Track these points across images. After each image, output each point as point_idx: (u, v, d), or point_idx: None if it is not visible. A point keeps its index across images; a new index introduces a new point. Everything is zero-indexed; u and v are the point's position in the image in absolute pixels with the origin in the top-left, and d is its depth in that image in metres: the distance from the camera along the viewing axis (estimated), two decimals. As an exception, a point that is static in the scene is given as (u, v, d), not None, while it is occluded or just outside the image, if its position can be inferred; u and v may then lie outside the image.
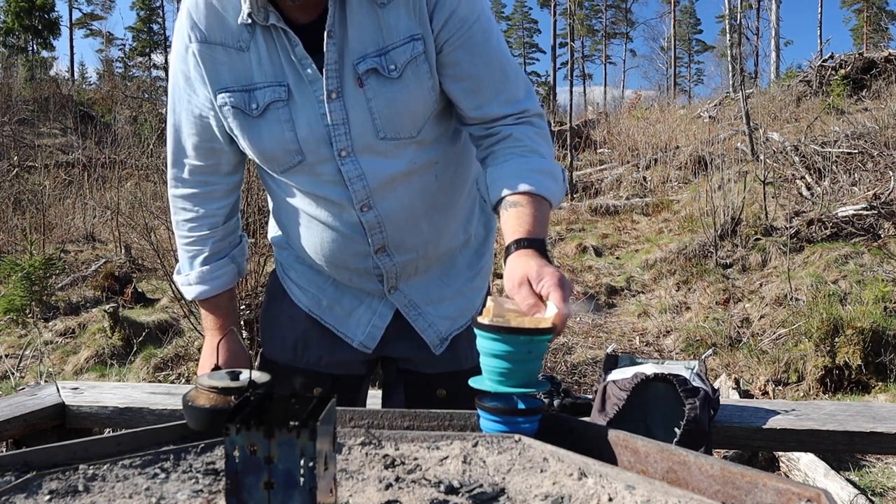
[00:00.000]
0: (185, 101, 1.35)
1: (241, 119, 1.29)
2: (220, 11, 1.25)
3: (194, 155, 1.40)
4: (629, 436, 1.00)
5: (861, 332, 4.60)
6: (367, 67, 1.24)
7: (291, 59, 1.25)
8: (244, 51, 1.26)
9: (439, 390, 1.51)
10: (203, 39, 1.26)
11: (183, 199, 1.46)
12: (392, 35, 1.24)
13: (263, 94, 1.27)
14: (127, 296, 6.72)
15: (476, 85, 1.29)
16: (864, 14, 40.79)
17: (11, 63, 21.96)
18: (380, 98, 1.26)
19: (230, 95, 1.28)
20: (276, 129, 1.28)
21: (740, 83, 12.90)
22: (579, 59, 47.66)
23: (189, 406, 1.03)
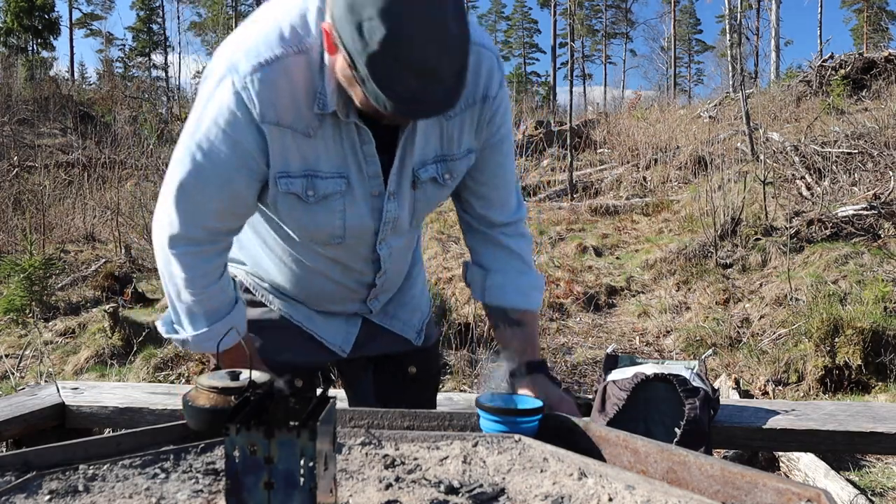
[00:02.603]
0: (227, 168, 1.24)
1: (295, 203, 1.30)
2: (293, 95, 1.20)
3: (215, 218, 1.31)
4: (629, 436, 1.00)
5: (861, 332, 4.59)
6: (428, 177, 1.35)
7: (357, 152, 1.27)
8: (311, 137, 1.24)
9: (410, 368, 1.64)
10: (275, 122, 1.20)
11: (191, 256, 1.33)
12: (453, 146, 1.35)
13: (325, 184, 1.28)
14: (127, 296, 6.72)
15: (488, 190, 1.45)
16: (864, 14, 40.78)
17: (11, 63, 21.94)
18: (427, 199, 1.40)
19: (291, 181, 1.27)
20: (327, 216, 1.32)
21: (740, 83, 12.90)
22: (579, 59, 47.68)
23: (189, 406, 1.03)
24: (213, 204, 1.28)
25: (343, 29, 1.06)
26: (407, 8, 1.03)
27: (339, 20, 1.07)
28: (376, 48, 1.03)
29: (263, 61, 1.17)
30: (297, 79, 1.19)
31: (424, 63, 1.05)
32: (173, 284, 1.35)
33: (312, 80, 1.20)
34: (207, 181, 1.26)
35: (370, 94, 1.08)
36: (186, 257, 1.32)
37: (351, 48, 1.06)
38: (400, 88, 1.05)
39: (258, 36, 1.20)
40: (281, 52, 1.18)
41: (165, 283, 1.37)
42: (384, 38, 1.02)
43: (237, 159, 1.23)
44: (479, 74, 1.30)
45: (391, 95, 1.06)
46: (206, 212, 1.29)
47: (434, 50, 1.05)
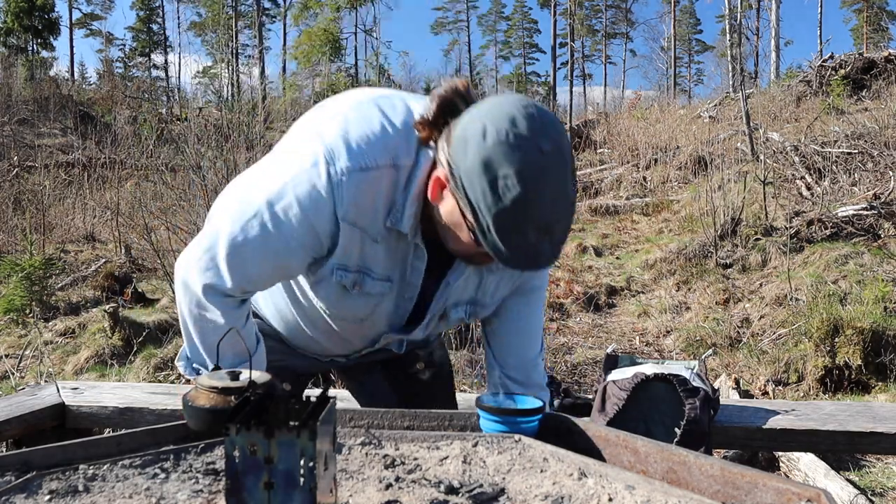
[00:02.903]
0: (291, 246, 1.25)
1: (338, 290, 1.33)
2: (374, 204, 1.23)
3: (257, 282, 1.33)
4: (629, 436, 1.00)
5: (861, 332, 4.59)
6: (458, 316, 1.43)
7: (406, 262, 1.32)
8: (377, 242, 1.27)
9: (418, 363, 1.69)
10: (353, 222, 1.23)
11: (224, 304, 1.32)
12: (486, 295, 1.43)
13: (374, 284, 1.32)
14: (127, 296, 6.72)
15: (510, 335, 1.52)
16: (864, 14, 40.77)
17: (11, 63, 21.94)
18: (446, 326, 1.48)
19: (345, 275, 1.30)
20: (363, 306, 1.36)
21: (740, 83, 12.89)
22: (579, 59, 47.66)
23: (189, 406, 1.03)
24: (261, 270, 1.28)
25: (472, 182, 1.11)
26: (542, 171, 1.09)
27: (469, 173, 1.11)
28: (508, 205, 1.09)
29: (363, 166, 1.20)
30: (382, 190, 1.23)
31: (547, 221, 1.11)
32: (202, 326, 1.33)
33: (395, 194, 1.24)
34: (267, 251, 1.25)
35: (488, 245, 1.14)
36: (221, 306, 1.31)
37: (478, 201, 1.11)
38: (519, 242, 1.12)
39: (365, 134, 1.21)
40: (382, 163, 1.21)
41: (189, 324, 1.35)
42: (518, 196, 1.08)
43: (305, 240, 1.24)
44: None
45: (510, 248, 1.12)
46: (252, 275, 1.29)
47: (556, 209, 1.12)
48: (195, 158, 5.85)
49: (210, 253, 1.27)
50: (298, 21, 38.71)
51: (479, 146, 1.09)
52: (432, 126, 1.19)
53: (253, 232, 1.23)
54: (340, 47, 36.28)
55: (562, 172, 1.11)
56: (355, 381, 1.78)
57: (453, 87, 1.19)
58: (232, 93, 10.80)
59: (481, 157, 1.09)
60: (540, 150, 1.09)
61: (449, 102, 1.18)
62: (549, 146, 1.09)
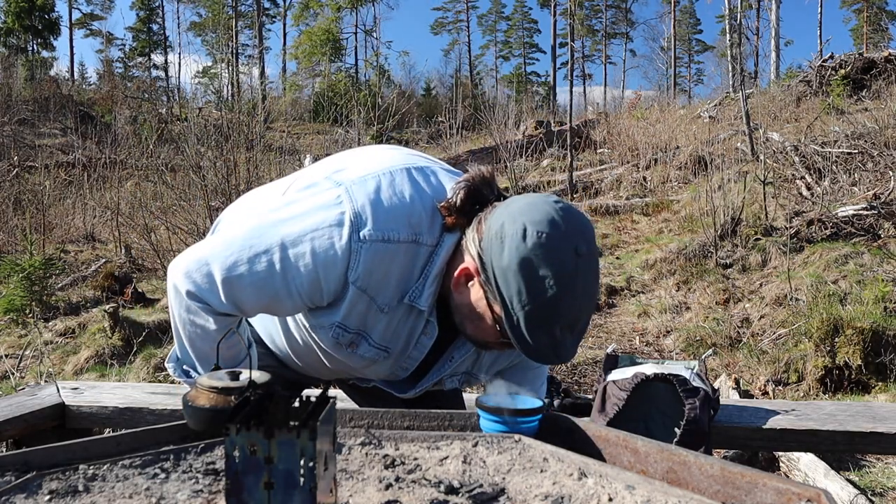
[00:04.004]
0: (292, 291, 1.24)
1: (332, 344, 1.33)
2: (387, 276, 1.24)
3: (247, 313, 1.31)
4: (629, 436, 1.00)
5: (861, 332, 4.59)
6: (452, 386, 1.46)
7: (411, 336, 1.34)
8: (383, 312, 1.28)
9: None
10: (364, 289, 1.24)
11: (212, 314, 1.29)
12: (482, 369, 1.47)
13: (368, 349, 1.33)
14: (127, 296, 6.72)
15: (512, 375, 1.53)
16: (864, 14, 40.77)
17: (11, 63, 21.95)
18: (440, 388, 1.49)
19: (343, 334, 1.30)
20: (356, 362, 1.38)
21: (740, 83, 12.89)
22: (579, 59, 47.66)
23: (189, 406, 1.03)
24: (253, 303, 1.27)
25: (507, 279, 1.14)
26: (577, 273, 1.13)
27: (505, 271, 1.14)
28: (544, 303, 1.12)
29: (386, 238, 1.21)
30: (399, 264, 1.24)
31: (574, 318, 1.16)
32: (189, 332, 1.32)
33: (412, 271, 1.25)
34: (266, 288, 1.24)
35: (514, 338, 1.16)
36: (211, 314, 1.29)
37: (511, 297, 1.14)
38: (546, 339, 1.15)
39: (393, 205, 1.23)
40: (403, 238, 1.22)
41: (179, 327, 1.33)
42: (553, 297, 1.12)
43: (305, 290, 1.24)
44: None
45: (536, 343, 1.15)
46: (242, 303, 1.27)
47: (583, 307, 1.16)
48: (195, 158, 5.85)
49: (209, 267, 1.25)
50: (298, 21, 38.75)
51: (518, 246, 1.12)
52: (459, 213, 1.22)
53: (259, 267, 1.22)
54: (340, 47, 36.30)
55: (593, 273, 1.16)
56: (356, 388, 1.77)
57: (480, 175, 1.22)
58: (232, 93, 10.81)
59: (520, 256, 1.12)
60: (577, 252, 1.13)
61: (477, 191, 1.22)
62: (585, 248, 1.13)
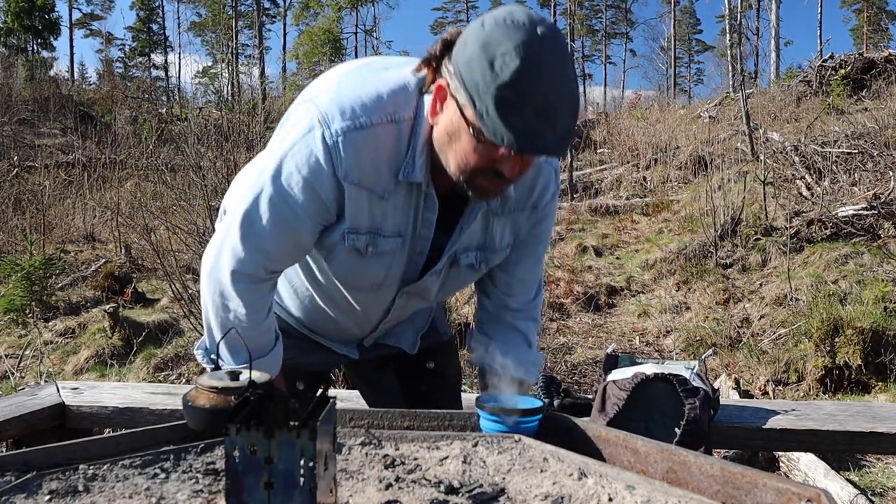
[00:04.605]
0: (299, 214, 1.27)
1: (352, 255, 1.34)
2: (377, 160, 1.24)
3: (279, 259, 1.35)
4: (629, 436, 1.00)
5: (861, 332, 4.59)
6: (468, 262, 1.42)
7: (418, 215, 1.33)
8: (384, 199, 1.28)
9: (428, 363, 1.70)
10: (357, 182, 1.24)
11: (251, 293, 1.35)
12: (494, 241, 1.42)
13: (386, 242, 1.33)
14: (127, 296, 6.71)
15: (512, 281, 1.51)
16: (864, 14, 40.75)
17: (11, 63, 21.94)
18: (458, 278, 1.46)
19: (357, 238, 1.31)
20: (378, 268, 1.37)
21: (740, 83, 12.89)
22: (579, 59, 47.62)
23: (189, 406, 1.03)
24: (277, 243, 1.30)
25: (471, 67, 1.09)
26: (540, 50, 1.07)
27: (468, 61, 1.10)
28: (506, 79, 1.06)
29: (358, 125, 1.21)
30: (383, 146, 1.23)
31: (546, 102, 1.08)
32: (223, 317, 1.35)
33: (399, 149, 1.24)
34: (278, 223, 1.27)
35: (489, 132, 1.10)
36: (246, 294, 1.33)
37: (477, 84, 1.09)
38: (519, 123, 1.08)
39: (357, 96, 1.22)
40: (377, 120, 1.22)
41: (211, 315, 1.37)
42: (517, 69, 1.06)
43: (312, 209, 1.26)
44: (535, 184, 1.39)
45: (510, 128, 1.08)
46: (269, 251, 1.31)
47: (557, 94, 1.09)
48: (195, 158, 5.85)
49: (229, 238, 1.31)
50: (299, 21, 38.73)
51: (477, 34, 1.10)
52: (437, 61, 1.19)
53: (262, 208, 1.27)
54: (341, 47, 36.27)
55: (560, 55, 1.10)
56: (365, 379, 1.78)
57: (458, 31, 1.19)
58: (232, 93, 10.81)
59: (480, 41, 1.09)
60: (537, 33, 1.08)
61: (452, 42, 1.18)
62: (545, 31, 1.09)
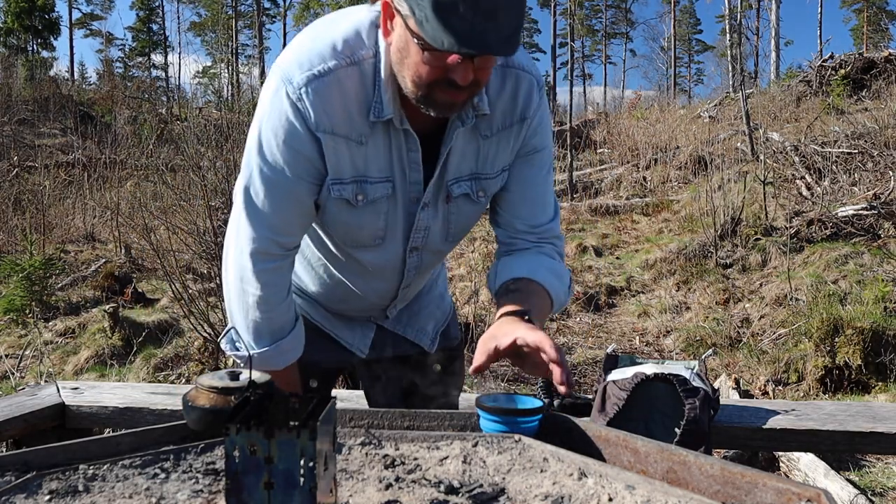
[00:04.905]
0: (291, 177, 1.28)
1: (344, 207, 1.33)
2: (345, 105, 1.24)
3: (285, 230, 1.35)
4: (629, 436, 1.00)
5: (861, 332, 4.59)
6: (461, 192, 1.38)
7: (402, 158, 1.31)
8: (362, 144, 1.28)
9: (434, 365, 1.67)
10: (330, 130, 1.24)
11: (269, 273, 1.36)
12: (487, 166, 1.37)
13: (374, 188, 1.32)
14: (127, 296, 6.71)
15: (515, 198, 1.44)
16: (864, 14, 40.76)
17: (11, 63, 21.94)
18: (460, 214, 1.41)
19: (343, 188, 1.30)
20: (373, 218, 1.36)
21: (740, 83, 12.90)
22: (579, 59, 47.65)
23: (189, 406, 1.03)
24: (283, 215, 1.32)
25: None
26: None
27: None
28: None
29: (317, 73, 1.21)
30: (349, 89, 1.23)
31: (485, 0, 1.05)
32: (244, 303, 1.38)
33: (365, 89, 1.24)
34: (275, 192, 1.30)
35: (430, 37, 1.08)
36: (265, 274, 1.35)
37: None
38: (458, 24, 1.06)
39: (312, 49, 1.24)
40: (334, 65, 1.22)
41: (232, 302, 1.39)
42: None
43: (299, 168, 1.28)
44: (517, 97, 1.33)
45: (452, 31, 1.06)
46: (278, 224, 1.33)
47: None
48: (195, 158, 5.85)
49: (238, 223, 1.34)
50: (299, 21, 38.72)
51: None
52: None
53: (257, 184, 1.30)
54: (340, 47, 36.22)
55: None
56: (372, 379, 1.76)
57: None
58: (232, 93, 10.81)
59: None
60: None
61: None
62: None
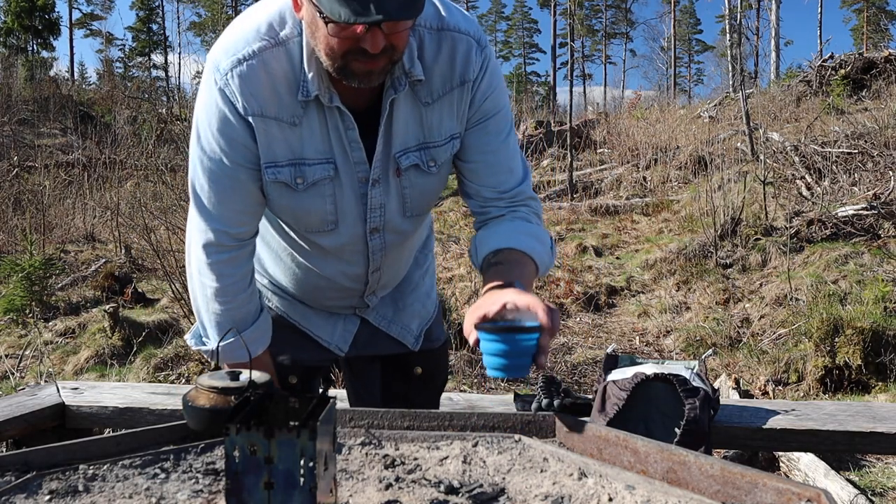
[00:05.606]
0: (231, 166, 1.29)
1: (284, 191, 1.33)
2: (273, 86, 1.24)
3: (236, 220, 1.34)
4: (629, 436, 1.00)
5: (861, 332, 4.59)
6: (410, 164, 1.34)
7: (342, 139, 1.30)
8: (296, 125, 1.27)
9: (416, 368, 1.65)
10: (259, 113, 1.24)
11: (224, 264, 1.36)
12: (434, 134, 1.34)
13: (313, 170, 1.31)
14: (127, 296, 6.71)
15: (478, 168, 1.40)
16: (864, 14, 40.77)
17: (11, 63, 21.94)
18: (415, 187, 1.38)
19: (278, 171, 1.30)
20: (318, 202, 1.34)
21: (740, 83, 12.90)
22: (579, 59, 47.62)
23: (189, 406, 1.03)
24: (230, 204, 1.33)
25: None
26: None
27: None
28: None
29: (242, 57, 1.23)
30: (275, 70, 1.23)
31: None
32: (203, 295, 1.39)
33: (293, 69, 1.24)
34: (218, 183, 1.31)
35: (328, 11, 1.07)
36: (219, 265, 1.36)
37: None
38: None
39: (238, 34, 1.25)
40: (259, 47, 1.23)
41: (195, 296, 1.41)
42: None
43: (236, 154, 1.28)
44: (455, 60, 1.30)
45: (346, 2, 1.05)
46: (226, 215, 1.33)
47: None
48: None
49: (192, 218, 1.37)
50: (298, 21, 38.69)
51: None
52: None
53: (200, 177, 1.31)
54: (340, 47, 36.18)
55: None
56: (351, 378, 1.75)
57: None
58: (232, 93, 10.72)
59: None
60: None
61: None
62: None
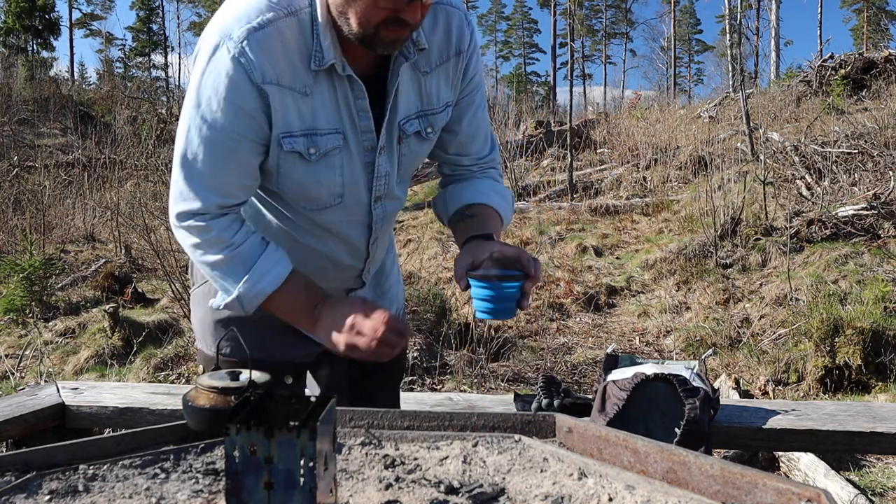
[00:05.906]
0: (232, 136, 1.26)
1: (297, 162, 1.31)
2: (287, 56, 1.23)
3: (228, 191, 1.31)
4: (629, 436, 1.00)
5: (861, 332, 4.59)
6: (414, 130, 1.39)
7: (350, 108, 1.31)
8: (307, 95, 1.27)
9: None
10: (276, 82, 1.23)
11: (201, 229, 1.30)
12: (432, 101, 1.40)
13: (325, 140, 1.31)
14: (127, 296, 6.71)
15: (464, 139, 1.49)
16: (864, 14, 40.78)
17: (11, 63, 21.94)
18: (410, 154, 1.43)
19: (294, 140, 1.28)
20: (328, 173, 1.34)
21: (740, 83, 12.90)
22: (579, 59, 47.63)
23: (189, 406, 1.03)
24: (222, 175, 1.29)
25: None
26: None
27: None
28: None
29: (257, 24, 1.22)
30: (289, 39, 1.24)
31: None
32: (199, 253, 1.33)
33: (305, 39, 1.25)
34: (215, 152, 1.27)
35: None
36: (196, 229, 1.30)
37: None
38: None
39: (248, 4, 1.24)
40: (272, 16, 1.23)
41: (194, 259, 1.36)
42: None
43: (241, 126, 1.25)
44: (450, 32, 1.37)
45: None
46: (216, 185, 1.29)
47: None
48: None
49: (174, 183, 1.31)
50: (298, 21, 38.70)
51: None
52: None
53: (195, 144, 1.26)
54: (340, 47, 36.23)
55: None
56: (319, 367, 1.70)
57: None
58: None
59: None
60: None
61: None
62: None
